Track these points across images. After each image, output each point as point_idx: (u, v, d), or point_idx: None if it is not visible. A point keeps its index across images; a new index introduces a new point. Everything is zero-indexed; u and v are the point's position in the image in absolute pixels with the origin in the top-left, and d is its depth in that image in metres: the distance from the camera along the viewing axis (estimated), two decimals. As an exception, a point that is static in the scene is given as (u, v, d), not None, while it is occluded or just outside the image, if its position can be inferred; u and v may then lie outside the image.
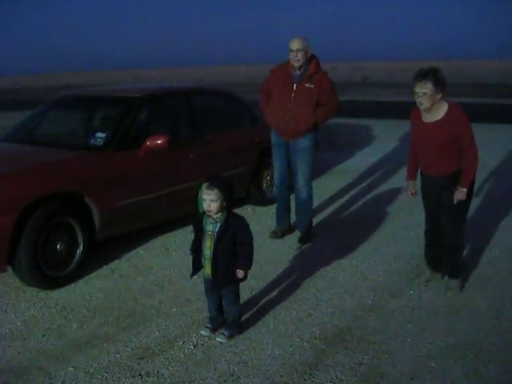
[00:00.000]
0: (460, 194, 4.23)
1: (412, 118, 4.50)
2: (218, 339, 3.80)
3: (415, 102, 4.26)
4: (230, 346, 3.73)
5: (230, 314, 3.87)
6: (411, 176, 4.69)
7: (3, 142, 5.96)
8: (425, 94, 4.13)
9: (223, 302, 3.87)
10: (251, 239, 3.75)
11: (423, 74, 4.15)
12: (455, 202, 4.26)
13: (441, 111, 4.22)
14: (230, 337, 3.82)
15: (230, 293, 3.81)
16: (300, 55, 5.36)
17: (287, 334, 3.90)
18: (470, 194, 4.32)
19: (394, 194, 7.46)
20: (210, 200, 3.57)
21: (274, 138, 5.74)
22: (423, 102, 4.17)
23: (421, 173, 4.58)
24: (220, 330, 3.87)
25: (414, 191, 4.67)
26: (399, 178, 8.28)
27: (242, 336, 3.86)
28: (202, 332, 3.89)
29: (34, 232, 4.50)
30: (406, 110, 5.05)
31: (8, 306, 4.45)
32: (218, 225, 3.64)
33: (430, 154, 4.35)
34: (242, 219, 3.76)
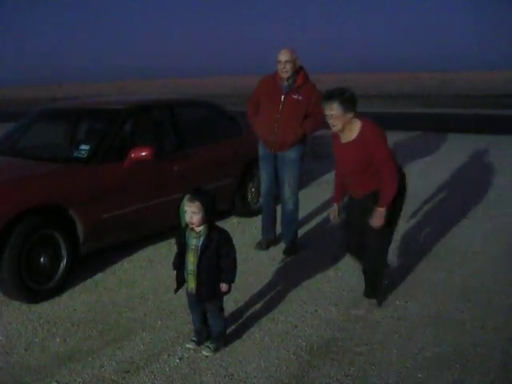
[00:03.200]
0: (377, 215, 4.03)
1: (332, 140, 4.43)
2: (203, 352, 3.77)
3: (399, 113, 4.27)
4: (216, 359, 3.70)
5: (215, 327, 3.83)
6: (337, 199, 4.60)
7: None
8: (332, 115, 4.05)
9: (208, 315, 3.84)
10: (235, 253, 3.71)
11: (328, 96, 4.05)
12: (372, 224, 4.07)
13: (354, 131, 4.11)
14: (216, 350, 3.79)
15: (215, 307, 3.77)
16: (288, 67, 5.37)
17: (273, 346, 3.88)
18: (393, 216, 4.17)
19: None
20: (191, 212, 3.55)
21: (261, 150, 5.74)
22: (334, 124, 4.10)
23: (348, 194, 4.51)
24: (205, 344, 3.84)
25: (335, 214, 4.54)
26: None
27: (227, 349, 3.83)
28: (188, 345, 3.86)
29: (18, 245, 4.45)
30: (391, 120, 5.09)
31: (-10, 321, 4.40)
32: (202, 238, 3.62)
33: (350, 175, 4.27)
34: (224, 232, 3.73)
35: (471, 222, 6.63)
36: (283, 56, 5.39)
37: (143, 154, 5.28)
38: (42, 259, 4.71)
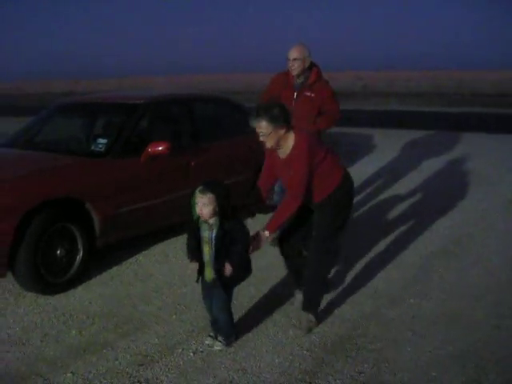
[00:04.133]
0: (259, 238, 3.88)
1: (266, 157, 4.34)
2: (215, 347, 3.78)
3: (415, 112, 4.23)
4: (230, 354, 3.72)
5: (221, 320, 3.81)
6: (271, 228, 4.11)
7: (4, 148, 5.97)
8: (262, 133, 3.86)
9: (214, 307, 3.82)
10: (246, 239, 3.69)
11: (255, 114, 3.85)
12: (250, 251, 3.81)
13: (289, 146, 3.90)
14: (228, 344, 3.80)
15: (221, 297, 3.74)
16: (297, 64, 5.37)
17: (287, 341, 3.89)
18: (335, 221, 4.07)
19: (393, 202, 7.46)
20: (202, 204, 3.54)
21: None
22: (266, 141, 3.90)
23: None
24: (218, 338, 3.85)
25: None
26: (398, 187, 8.31)
27: (241, 343, 3.85)
28: (206, 342, 3.85)
29: (35, 238, 4.49)
30: (407, 119, 5.07)
31: (7, 311, 4.44)
32: (214, 230, 3.62)
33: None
34: (238, 223, 3.69)
35: (486, 222, 6.59)
36: (292, 53, 5.39)
37: (160, 148, 5.31)
38: (58, 252, 4.75)
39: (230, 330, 3.86)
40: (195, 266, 3.70)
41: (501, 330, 4.01)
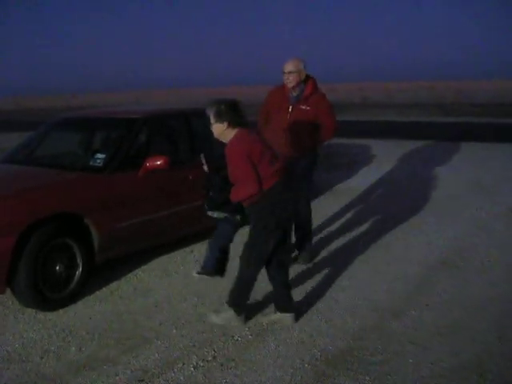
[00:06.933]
0: None
1: None
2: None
3: (414, 122, 4.26)
4: (231, 368, 3.70)
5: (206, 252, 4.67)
6: None
7: (3, 164, 5.96)
8: (210, 124, 4.18)
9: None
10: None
11: (208, 105, 4.22)
12: None
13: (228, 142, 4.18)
14: (199, 272, 4.67)
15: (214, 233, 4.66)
16: (292, 77, 5.39)
17: (288, 355, 3.86)
18: (263, 230, 4.13)
19: (393, 213, 7.45)
20: None
21: None
22: (212, 131, 4.22)
23: None
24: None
25: None
26: (399, 198, 8.30)
27: (242, 357, 3.83)
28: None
29: (34, 254, 4.48)
30: (406, 130, 5.07)
31: (6, 328, 4.41)
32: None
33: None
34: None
35: (488, 232, 6.58)
36: (287, 67, 5.43)
37: (158, 163, 5.30)
38: (57, 267, 4.73)
39: (205, 263, 4.60)
40: None
41: (504, 341, 3.98)
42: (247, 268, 4.22)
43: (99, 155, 5.47)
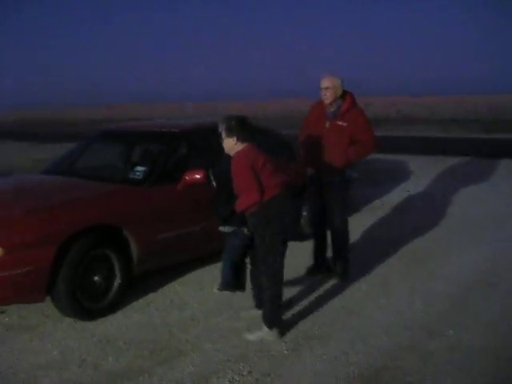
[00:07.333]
0: None
1: None
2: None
3: (449, 138, 4.25)
4: (267, 383, 3.70)
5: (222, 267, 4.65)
6: None
7: (45, 175, 6.10)
8: (222, 139, 4.39)
9: None
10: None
11: (220, 120, 4.44)
12: None
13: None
14: (219, 288, 4.64)
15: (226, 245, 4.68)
16: (329, 93, 5.41)
17: (323, 372, 3.85)
18: (269, 241, 4.25)
19: (431, 230, 7.39)
20: None
21: (310, 174, 5.76)
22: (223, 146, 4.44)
23: None
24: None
25: None
26: (436, 215, 8.22)
27: (278, 372, 3.82)
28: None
29: (74, 263, 4.56)
30: (443, 145, 5.04)
31: (45, 336, 4.49)
32: None
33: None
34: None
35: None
36: (323, 83, 5.45)
37: (197, 176, 5.35)
38: (96, 278, 4.81)
39: (223, 278, 4.58)
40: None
41: (543, 364, 3.91)
42: (268, 283, 4.32)
43: (139, 168, 5.55)
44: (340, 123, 5.44)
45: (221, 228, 4.68)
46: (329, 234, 5.85)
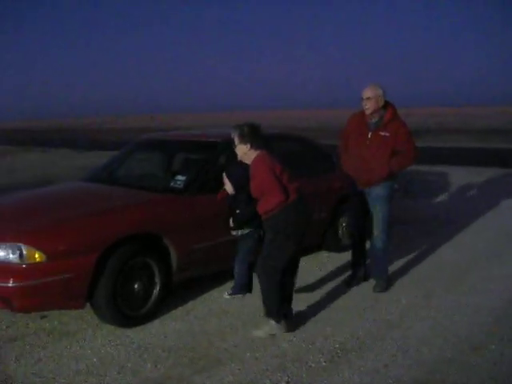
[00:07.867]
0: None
1: None
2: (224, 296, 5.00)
3: (491, 149, 4.20)
4: (305, 394, 3.68)
5: (236, 271, 4.91)
6: None
7: (87, 182, 6.19)
8: (234, 146, 4.54)
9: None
10: None
11: (233, 127, 4.62)
12: None
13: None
14: (232, 293, 4.90)
15: (241, 248, 4.94)
16: (369, 103, 5.38)
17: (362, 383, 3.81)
18: (281, 240, 4.38)
19: (472, 242, 7.27)
20: None
21: (352, 186, 5.74)
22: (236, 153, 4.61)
23: None
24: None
25: None
26: (479, 228, 8.09)
27: (315, 384, 3.80)
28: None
29: (114, 271, 4.60)
30: (484, 156, 4.96)
31: (85, 342, 4.54)
32: None
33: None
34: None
35: None
36: (365, 93, 5.43)
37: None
38: (136, 285, 4.85)
39: (240, 281, 4.83)
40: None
41: None
42: (265, 277, 4.44)
43: (180, 177, 5.59)
44: (383, 134, 5.40)
45: (234, 232, 4.90)
46: (368, 244, 5.81)
